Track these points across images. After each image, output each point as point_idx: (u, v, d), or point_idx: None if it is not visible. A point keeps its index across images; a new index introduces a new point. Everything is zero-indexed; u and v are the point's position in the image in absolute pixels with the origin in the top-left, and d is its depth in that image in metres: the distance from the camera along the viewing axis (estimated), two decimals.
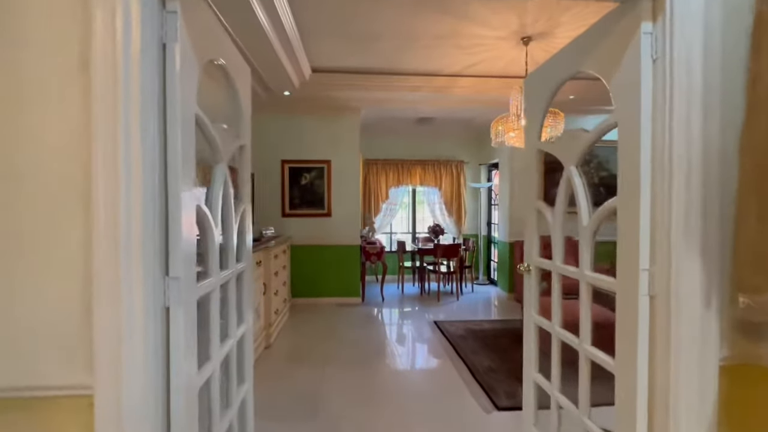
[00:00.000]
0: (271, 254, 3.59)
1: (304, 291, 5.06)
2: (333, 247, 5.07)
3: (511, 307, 4.97)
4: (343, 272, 5.10)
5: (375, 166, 6.49)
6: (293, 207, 5.02)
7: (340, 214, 5.07)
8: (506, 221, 5.39)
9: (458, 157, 6.71)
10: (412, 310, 4.88)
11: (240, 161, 1.60)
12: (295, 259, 5.03)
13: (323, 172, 5.03)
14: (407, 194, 6.83)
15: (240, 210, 1.51)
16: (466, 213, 6.67)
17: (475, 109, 5.08)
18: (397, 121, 5.86)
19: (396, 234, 7.04)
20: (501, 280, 5.70)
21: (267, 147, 5.00)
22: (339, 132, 5.05)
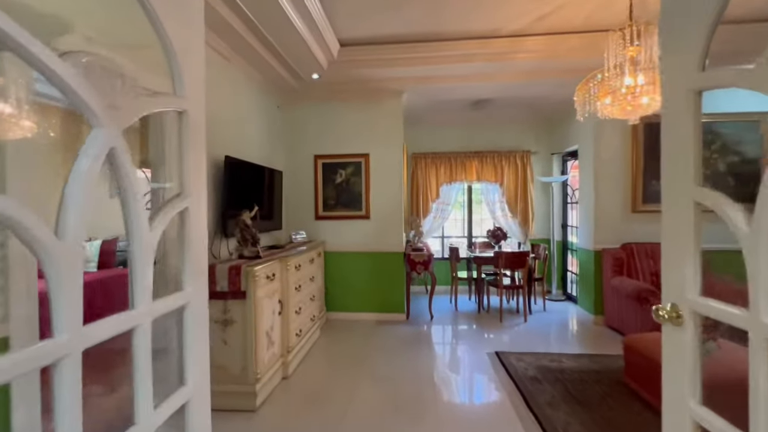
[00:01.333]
0: (290, 265, 2.98)
1: (340, 304, 4.44)
2: (372, 254, 4.37)
3: (599, 335, 3.83)
4: (384, 283, 4.37)
5: (423, 161, 5.68)
6: (327, 208, 4.43)
7: (381, 215, 4.36)
8: (590, 224, 4.23)
9: (524, 146, 5.62)
10: (467, 333, 3.98)
11: (182, 134, 0.96)
12: (330, 268, 4.42)
13: (360, 168, 4.37)
14: (462, 192, 5.91)
15: (172, 209, 0.86)
16: (534, 213, 5.55)
17: (545, 83, 4.03)
18: (447, 106, 5.00)
19: (449, 238, 6.14)
20: (583, 298, 4.53)
21: (298, 141, 4.48)
22: (378, 120, 4.35)
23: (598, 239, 4.14)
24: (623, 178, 4.12)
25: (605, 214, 4.14)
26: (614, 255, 3.85)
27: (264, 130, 3.92)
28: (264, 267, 2.56)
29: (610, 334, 3.81)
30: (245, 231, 2.69)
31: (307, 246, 3.79)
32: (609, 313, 3.94)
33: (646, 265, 3.84)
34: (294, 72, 3.76)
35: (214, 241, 2.88)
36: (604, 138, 4.13)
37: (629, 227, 4.11)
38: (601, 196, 4.15)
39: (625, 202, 4.12)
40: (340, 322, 4.28)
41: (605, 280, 3.99)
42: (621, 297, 3.66)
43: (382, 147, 4.34)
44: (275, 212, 3.98)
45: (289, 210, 4.48)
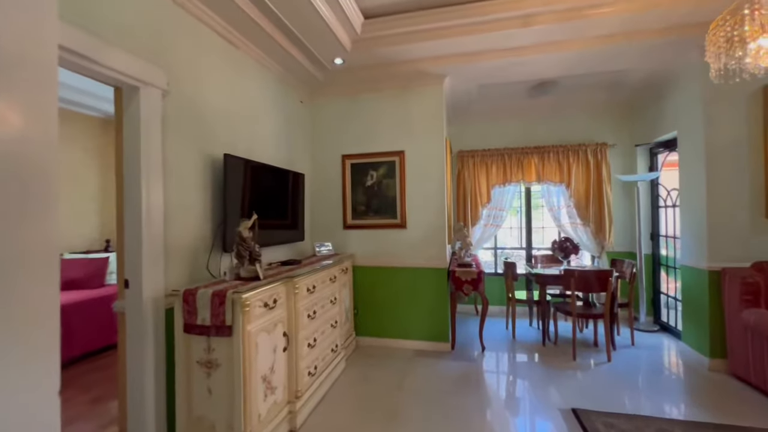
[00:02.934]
0: (300, 286, 2.39)
1: (372, 328, 3.77)
2: (409, 269, 3.67)
3: (722, 388, 2.75)
4: (424, 306, 3.64)
5: (471, 160, 4.88)
6: (357, 216, 3.82)
7: (419, 224, 3.65)
8: (702, 235, 3.16)
9: (597, 137, 4.59)
10: (531, 373, 3.09)
11: None
12: (360, 285, 3.79)
13: (394, 168, 3.70)
14: (518, 195, 5.00)
15: None
16: (613, 221, 4.48)
17: (629, 50, 3.10)
18: (500, 92, 4.18)
19: (503, 250, 5.24)
20: (691, 333, 3.42)
21: (323, 140, 3.93)
22: (415, 111, 3.67)
23: (714, 255, 3.06)
24: (750, 172, 3.01)
25: (724, 221, 3.05)
26: (745, 278, 2.76)
27: (283, 128, 3.42)
28: (259, 293, 1.98)
29: (739, 389, 2.71)
30: (241, 245, 2.14)
31: (334, 260, 3.20)
32: (736, 357, 2.84)
33: None
34: (314, 57, 3.22)
35: (211, 255, 2.38)
36: (719, 117, 3.06)
37: (762, 239, 2.98)
38: (716, 198, 3.06)
39: (754, 204, 3.00)
40: (373, 350, 3.61)
41: (729, 311, 2.90)
42: (762, 339, 2.57)
43: (421, 142, 3.64)
44: (298, 221, 3.45)
45: (314, 218, 3.94)
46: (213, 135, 2.48)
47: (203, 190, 2.37)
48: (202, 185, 2.36)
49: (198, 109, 2.35)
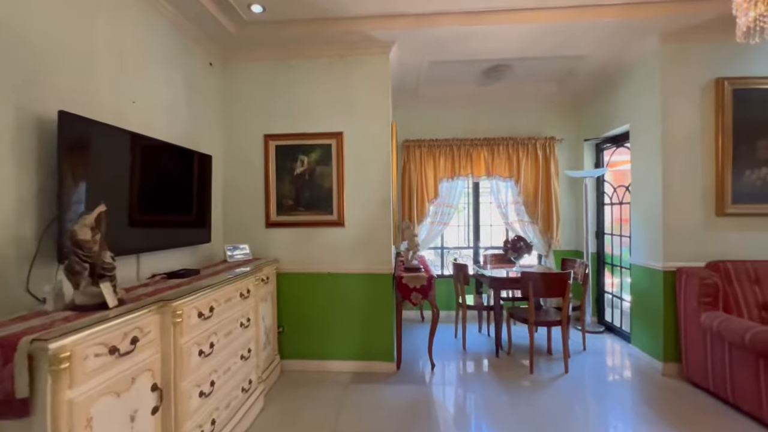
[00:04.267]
0: (187, 312, 1.63)
1: (301, 349, 3.07)
2: (346, 276, 3.04)
3: (683, 395, 2.57)
4: (365, 318, 3.04)
5: (418, 150, 4.39)
6: (283, 211, 3.08)
7: (360, 221, 3.04)
8: (657, 234, 3.00)
9: (546, 131, 4.39)
10: (489, 396, 2.66)
11: None
12: (286, 296, 3.06)
13: (330, 153, 3.04)
14: (466, 190, 4.64)
15: None
16: (560, 218, 4.31)
17: (586, 33, 2.82)
18: (451, 73, 3.73)
19: (449, 250, 4.86)
20: (642, 336, 3.28)
21: (240, 114, 3.13)
22: (356, 85, 3.04)
23: (669, 254, 2.91)
24: (703, 169, 2.90)
25: (679, 219, 2.91)
26: (703, 279, 2.60)
27: (182, 95, 2.56)
28: (99, 333, 1.20)
29: (698, 398, 2.55)
30: (77, 254, 1.33)
31: (251, 267, 2.46)
32: (692, 363, 2.69)
33: (750, 294, 2.61)
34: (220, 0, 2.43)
35: (33, 268, 1.51)
36: (675, 110, 2.91)
37: (715, 237, 2.89)
38: (672, 194, 2.92)
39: (706, 202, 2.90)
40: (301, 377, 2.92)
41: (686, 314, 2.75)
42: (723, 345, 2.41)
43: (363, 122, 3.03)
44: (202, 217, 2.62)
45: (228, 214, 3.11)
46: (46, 83, 1.60)
47: (19, 167, 1.49)
48: (16, 158, 1.48)
49: (14, 38, 1.46)
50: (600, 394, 2.67)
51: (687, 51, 2.88)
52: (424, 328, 4.08)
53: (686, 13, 2.63)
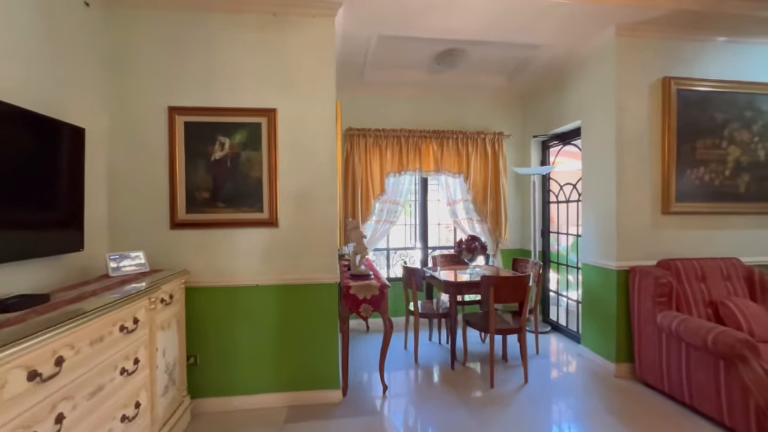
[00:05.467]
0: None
1: (221, 383, 2.41)
2: (280, 288, 2.46)
3: (637, 400, 2.50)
4: (304, 338, 2.49)
5: (363, 140, 3.93)
6: (196, 207, 2.38)
7: (299, 220, 2.47)
8: (611, 233, 2.93)
9: (495, 126, 4.24)
10: (450, 422, 2.31)
11: None
12: (201, 316, 2.38)
13: (259, 135, 2.42)
14: (413, 186, 4.30)
15: None
16: (508, 217, 4.20)
17: (546, 19, 2.63)
18: (401, 57, 3.34)
19: (395, 252, 4.49)
20: (594, 337, 3.23)
21: (135, 77, 2.35)
22: (295, 52, 2.46)
23: (623, 253, 2.86)
24: (652, 168, 2.90)
25: (631, 217, 2.87)
26: (658, 278, 2.56)
27: (38, 43, 1.75)
28: None
29: (657, 401, 2.50)
30: None
31: (147, 283, 1.76)
32: (647, 363, 2.65)
33: (697, 291, 2.63)
34: None
35: None
36: (628, 107, 2.87)
37: (661, 235, 2.90)
38: (625, 192, 2.87)
39: (655, 200, 2.90)
40: (221, 419, 2.27)
41: (640, 313, 2.70)
42: (680, 345, 2.36)
43: (303, 99, 2.46)
44: (74, 214, 1.84)
45: (115, 210, 2.32)
46: None
47: None
48: None
49: None
50: (565, 406, 2.49)
51: (640, 47, 2.85)
52: (370, 339, 3.65)
53: (642, 6, 2.55)
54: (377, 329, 3.82)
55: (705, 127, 2.93)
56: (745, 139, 3.00)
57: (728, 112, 2.96)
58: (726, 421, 2.11)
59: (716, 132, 2.95)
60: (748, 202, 3.00)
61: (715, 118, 2.95)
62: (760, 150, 3.01)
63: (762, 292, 2.71)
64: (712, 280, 2.66)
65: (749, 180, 3.00)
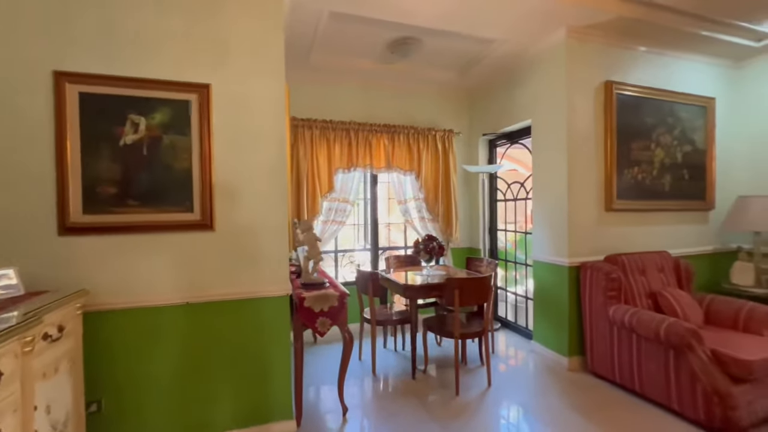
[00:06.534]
0: None
1: (138, 423, 1.89)
2: (219, 305, 2.00)
3: (592, 393, 2.56)
4: (250, 363, 2.07)
5: (308, 132, 3.54)
6: (97, 206, 1.82)
7: (241, 222, 2.04)
8: (562, 230, 3.00)
9: (445, 123, 4.16)
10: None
11: None
12: (108, 348, 1.83)
13: (187, 116, 1.94)
14: (362, 183, 4.03)
15: None
16: (458, 215, 4.16)
17: (504, 13, 2.58)
18: (352, 43, 3.05)
19: (344, 254, 4.18)
20: (546, 332, 3.29)
21: (2, 29, 1.71)
22: (234, 17, 2.02)
23: (573, 250, 2.93)
24: (596, 166, 3.03)
25: (580, 214, 2.97)
26: (609, 273, 2.66)
27: None
28: None
29: (606, 390, 2.59)
30: None
31: (20, 314, 1.23)
32: (599, 356, 2.74)
33: (640, 284, 2.80)
34: None
35: None
36: (577, 107, 2.95)
37: (605, 232, 3.05)
38: (575, 190, 2.95)
39: (599, 198, 3.04)
40: None
41: (592, 308, 2.78)
42: (631, 337, 2.46)
43: (244, 75, 2.03)
44: None
45: None
46: None
47: None
48: None
49: None
50: (530, 406, 2.44)
51: (587, 50, 2.95)
52: (321, 351, 3.30)
53: (591, 8, 2.61)
54: (326, 339, 3.48)
55: (638, 130, 3.15)
56: (668, 142, 3.29)
57: (655, 117, 3.22)
58: (675, 407, 2.23)
59: (647, 135, 3.19)
60: (671, 200, 3.30)
61: (646, 122, 3.19)
62: (678, 153, 3.34)
63: (687, 281, 2.98)
64: (651, 273, 2.86)
65: (671, 180, 3.31)
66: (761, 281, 3.17)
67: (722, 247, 3.56)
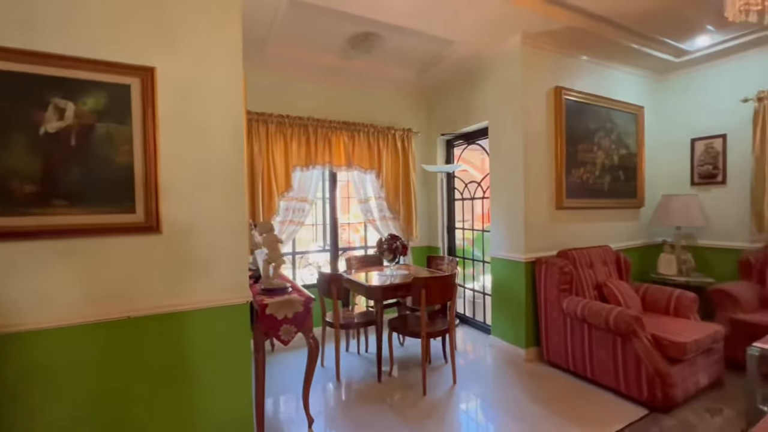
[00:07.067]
0: None
1: None
2: (168, 317, 1.78)
3: (551, 382, 2.70)
4: (203, 383, 1.86)
5: (264, 126, 3.33)
6: (11, 206, 1.51)
7: (191, 224, 1.82)
8: (519, 227, 3.13)
9: (404, 122, 4.16)
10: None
11: None
12: (23, 380, 1.52)
13: (127, 103, 1.68)
14: (321, 182, 3.89)
15: None
16: (418, 214, 4.18)
17: (466, 15, 2.64)
18: (313, 33, 2.91)
19: (302, 256, 4.00)
20: (504, 326, 3.41)
21: None
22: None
23: (529, 246, 3.07)
24: (548, 167, 3.21)
25: (534, 212, 3.12)
26: (562, 268, 2.82)
27: None
28: None
29: (561, 378, 2.75)
30: None
31: None
32: (554, 346, 2.90)
33: (588, 277, 3.00)
34: None
35: None
36: (533, 111, 3.09)
37: (556, 228, 3.24)
38: (530, 190, 3.09)
39: (550, 196, 3.22)
40: None
41: (546, 301, 2.93)
42: (583, 327, 2.63)
43: (196, 59, 1.82)
44: None
45: None
46: None
47: None
48: None
49: None
50: (494, 401, 2.50)
51: (540, 56, 3.10)
52: (278, 359, 3.12)
53: (544, 17, 2.75)
54: (285, 346, 3.29)
55: (583, 134, 3.39)
56: (607, 145, 3.59)
57: (597, 122, 3.50)
58: (623, 389, 2.41)
59: (590, 138, 3.45)
60: (610, 198, 3.61)
61: (589, 126, 3.44)
62: (615, 155, 3.66)
63: (626, 272, 3.27)
64: (597, 266, 3.08)
65: (610, 180, 3.61)
66: (682, 270, 3.58)
67: (650, 241, 3.97)
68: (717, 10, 2.77)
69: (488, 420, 2.31)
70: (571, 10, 2.74)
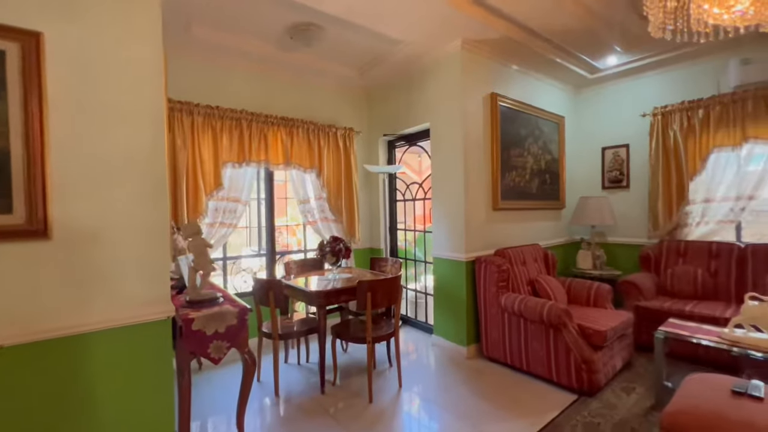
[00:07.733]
0: None
1: None
2: (62, 342, 1.44)
3: (493, 377, 2.79)
4: (116, 415, 1.54)
5: (189, 117, 2.96)
6: None
7: (97, 224, 1.50)
8: (459, 227, 3.20)
9: (345, 121, 4.04)
10: None
11: None
12: None
13: (1, 75, 1.33)
14: (256, 181, 3.60)
15: None
16: (360, 216, 4.09)
17: (409, 13, 2.64)
18: (247, 18, 2.66)
19: (235, 262, 3.65)
20: (446, 325, 3.46)
21: None
22: None
23: (469, 246, 3.16)
24: (485, 169, 3.34)
25: (474, 213, 3.22)
26: (500, 266, 2.94)
27: None
28: None
29: (500, 371, 2.86)
30: None
31: None
32: (492, 341, 3.01)
33: (522, 273, 3.17)
34: None
35: None
36: (471, 115, 3.19)
37: (493, 228, 3.38)
38: (470, 191, 3.19)
39: (487, 198, 3.35)
40: None
41: (485, 298, 3.04)
42: (519, 321, 2.76)
43: (102, 26, 1.51)
44: None
45: None
46: None
47: None
48: None
49: None
50: (441, 401, 2.49)
51: (478, 62, 3.22)
52: (207, 379, 2.78)
53: (483, 24, 2.84)
54: (211, 364, 2.95)
55: (515, 139, 3.60)
56: (536, 151, 3.86)
57: (527, 128, 3.74)
58: (555, 378, 2.57)
59: (521, 143, 3.67)
60: (538, 200, 3.88)
61: (520, 132, 3.67)
62: (542, 160, 3.95)
63: (553, 268, 3.53)
64: (529, 263, 3.28)
65: (538, 183, 3.89)
66: (596, 265, 3.99)
67: (570, 239, 4.36)
68: (624, 33, 3.14)
69: (432, 420, 2.29)
70: (506, 20, 2.88)
